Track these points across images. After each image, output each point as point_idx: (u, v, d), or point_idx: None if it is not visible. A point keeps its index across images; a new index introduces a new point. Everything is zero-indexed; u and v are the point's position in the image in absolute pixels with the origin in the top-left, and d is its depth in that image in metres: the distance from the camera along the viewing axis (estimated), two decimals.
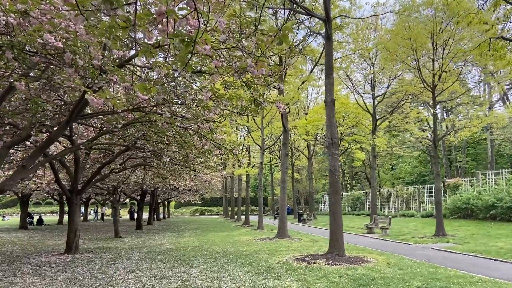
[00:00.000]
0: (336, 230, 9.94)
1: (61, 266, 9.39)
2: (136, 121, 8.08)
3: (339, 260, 9.32)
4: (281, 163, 17.83)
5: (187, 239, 16.65)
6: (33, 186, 17.97)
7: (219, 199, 65.55)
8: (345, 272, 8.05)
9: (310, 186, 34.87)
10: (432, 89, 17.66)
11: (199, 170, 13.49)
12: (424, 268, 8.59)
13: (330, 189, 10.26)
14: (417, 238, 16.13)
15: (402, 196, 31.02)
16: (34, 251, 12.52)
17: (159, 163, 13.34)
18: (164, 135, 8.31)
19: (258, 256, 10.72)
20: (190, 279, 7.59)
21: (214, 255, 11.10)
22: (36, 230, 23.78)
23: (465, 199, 21.59)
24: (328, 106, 10.53)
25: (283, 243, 14.29)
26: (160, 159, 9.83)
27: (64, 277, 7.87)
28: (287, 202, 17.43)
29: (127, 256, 11.28)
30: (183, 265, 9.32)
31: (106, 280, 7.51)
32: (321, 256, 9.92)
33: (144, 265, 9.48)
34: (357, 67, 24.20)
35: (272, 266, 8.97)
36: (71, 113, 6.48)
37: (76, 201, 12.18)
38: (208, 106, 6.13)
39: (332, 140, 10.30)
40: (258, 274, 8.02)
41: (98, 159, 13.97)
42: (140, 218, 24.15)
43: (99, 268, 9.00)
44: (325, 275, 7.76)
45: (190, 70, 5.33)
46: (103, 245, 14.53)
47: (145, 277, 7.87)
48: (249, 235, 18.36)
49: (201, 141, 9.18)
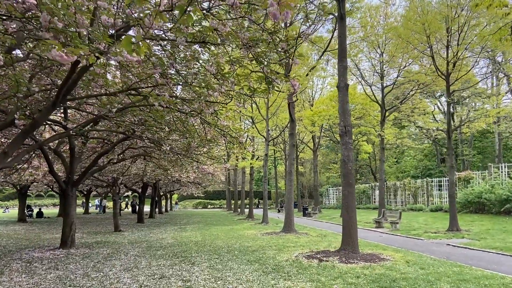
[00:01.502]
0: (349, 225, 9.21)
1: (53, 262, 8.73)
2: (133, 105, 7.34)
3: (353, 258, 8.60)
4: (288, 154, 17.08)
5: (189, 233, 16.00)
6: (29, 177, 17.33)
7: (222, 192, 65.08)
8: (361, 272, 7.34)
9: (315, 179, 34.14)
10: (446, 78, 16.81)
11: (202, 161, 12.76)
12: (448, 267, 7.86)
13: (343, 181, 9.51)
14: (430, 233, 15.40)
15: (409, 189, 30.23)
16: (28, 246, 11.89)
17: (160, 154, 12.63)
18: (163, 121, 7.57)
19: (265, 253, 10.02)
20: (192, 278, 6.90)
21: (217, 251, 10.42)
22: (35, 223, 23.20)
23: (478, 193, 20.78)
24: (341, 91, 9.74)
25: (290, 238, 13.60)
26: (160, 148, 9.09)
27: (54, 276, 7.20)
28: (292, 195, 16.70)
29: (126, 251, 10.62)
30: (184, 262, 8.63)
31: (99, 280, 6.82)
32: (333, 253, 9.20)
33: (143, 261, 8.80)
34: (366, 56, 23.29)
35: (281, 264, 8.26)
36: (58, 93, 5.74)
37: (72, 193, 11.50)
38: (212, 85, 5.38)
39: (345, 128, 9.53)
40: (266, 273, 7.31)
41: (96, 149, 13.26)
42: (142, 211, 23.52)
43: (93, 265, 8.33)
44: (340, 275, 7.05)
45: (190, 37, 4.57)
46: (102, 239, 13.89)
47: (142, 276, 7.18)
48: (254, 229, 17.69)
49: (204, 128, 8.44)
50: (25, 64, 8.60)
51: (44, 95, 7.87)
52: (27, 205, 29.31)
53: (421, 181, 29.70)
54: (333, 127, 32.04)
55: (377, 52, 22.57)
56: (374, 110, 26.77)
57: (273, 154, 46.07)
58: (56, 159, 12.70)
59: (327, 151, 65.89)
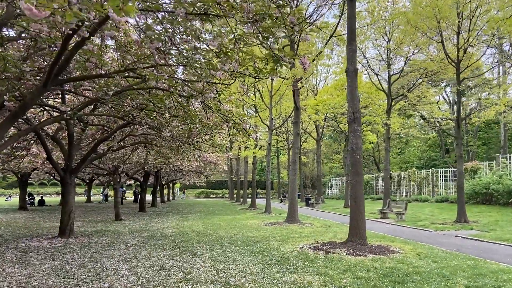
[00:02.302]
0: (357, 215, 8.84)
1: (50, 252, 8.42)
2: (131, 88, 6.92)
3: (361, 250, 8.25)
4: (292, 143, 16.66)
5: (191, 223, 15.71)
6: (28, 165, 17.01)
7: (224, 182, 64.95)
8: (371, 265, 6.98)
9: (319, 170, 33.74)
10: (457, 65, 16.26)
11: (203, 149, 12.37)
12: (461, 261, 7.49)
13: (350, 170, 9.10)
14: (437, 224, 15.05)
15: (414, 180, 29.84)
16: (26, 234, 11.61)
17: (161, 141, 12.24)
18: (163, 104, 7.15)
19: (269, 243, 9.69)
20: (192, 270, 6.56)
21: (220, 241, 10.10)
22: (36, 211, 23.00)
23: (485, 184, 20.36)
24: (349, 76, 9.28)
25: (294, 229, 13.27)
26: (160, 134, 8.70)
27: (49, 266, 6.88)
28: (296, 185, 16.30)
29: (125, 241, 10.32)
30: (185, 253, 8.31)
31: (96, 271, 6.49)
32: (340, 245, 8.85)
33: (142, 252, 8.49)
34: (372, 43, 22.66)
35: (286, 256, 7.92)
36: (49, 72, 5.33)
37: (71, 180, 11.16)
38: (214, 64, 4.95)
39: (354, 115, 9.09)
40: (270, 266, 6.97)
41: (96, 136, 12.90)
42: (143, 200, 23.26)
43: (91, 256, 8.01)
44: (349, 268, 6.69)
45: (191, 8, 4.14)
46: (102, 228, 13.61)
47: (141, 267, 6.85)
48: (257, 219, 17.39)
49: (206, 114, 8.02)
50: (20, 46, 8.20)
51: (36, 77, 7.47)
52: (29, 193, 29.13)
53: (426, 172, 29.29)
54: (338, 117, 31.54)
55: (384, 40, 21.94)
56: (380, 99, 26.22)
57: (275, 144, 45.69)
58: (54, 146, 12.34)
59: (329, 141, 65.46)
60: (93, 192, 59.27)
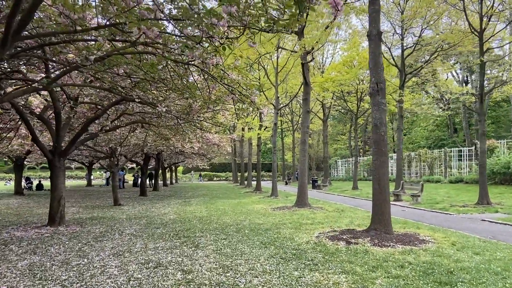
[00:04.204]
0: (381, 200, 7.76)
1: (33, 244, 7.44)
2: (117, 52, 5.75)
3: (387, 240, 7.21)
4: (302, 121, 15.50)
5: (193, 208, 14.75)
6: (18, 148, 15.97)
7: (228, 165, 64.16)
8: (404, 259, 5.93)
9: (325, 151, 32.62)
10: (480, 34, 14.88)
11: (205, 127, 11.24)
12: (506, 252, 6.43)
13: (373, 148, 7.98)
14: (457, 207, 14.01)
15: (425, 160, 28.71)
16: (14, 222, 10.66)
17: (158, 120, 11.11)
18: (156, 73, 5.99)
19: (280, 232, 8.67)
20: (194, 268, 5.54)
21: (225, 230, 9.09)
22: (33, 196, 22.13)
23: (505, 163, 19.24)
24: (372, 40, 8.04)
25: (305, 214, 12.26)
26: (154, 108, 7.56)
27: (27, 263, 5.89)
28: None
29: (121, 229, 9.34)
30: (186, 245, 7.30)
31: (80, 270, 5.48)
32: (361, 233, 7.81)
33: (138, 243, 7.49)
34: (385, 13, 21.11)
35: (302, 247, 6.89)
36: (7, 27, 4.18)
37: (59, 164, 10.11)
38: (215, 10, 3.78)
39: (377, 85, 7.90)
40: (286, 261, 5.94)
41: (87, 114, 11.78)
42: (144, 184, 22.32)
43: (79, 249, 7.02)
44: (379, 264, 5.64)
45: None
46: (98, 214, 12.67)
47: (134, 263, 5.84)
48: (263, 203, 16.41)
49: (208, 85, 6.86)
50: None
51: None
52: (26, 177, 28.36)
53: (438, 152, 28.13)
54: (346, 96, 30.23)
55: (398, 10, 20.41)
56: (392, 75, 24.85)
57: (280, 126, 44.48)
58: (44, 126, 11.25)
59: (334, 122, 64.17)
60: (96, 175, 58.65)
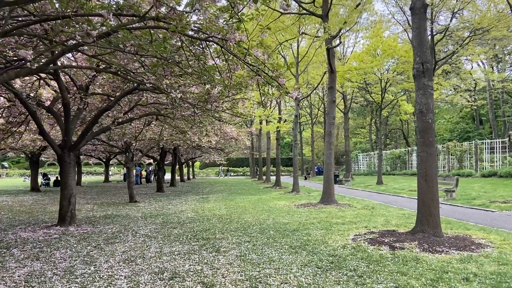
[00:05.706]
0: (428, 198, 6.73)
1: (38, 247, 6.73)
2: (124, 27, 4.91)
3: (438, 244, 6.18)
4: (327, 112, 14.48)
5: (212, 205, 13.96)
6: (30, 143, 15.49)
7: (245, 159, 63.52)
8: (465, 268, 4.93)
9: (347, 144, 31.40)
10: None
11: (224, 118, 10.36)
12: None
13: (419, 138, 6.93)
14: (498, 203, 12.79)
15: (454, 153, 27.18)
16: (24, 221, 10.06)
17: (173, 111, 10.30)
18: (168, 50, 5.13)
19: (310, 233, 7.74)
20: (216, 281, 4.67)
21: (247, 230, 8.22)
22: (49, 192, 21.82)
23: None
24: (417, 14, 6.96)
25: (333, 212, 11.29)
26: (167, 95, 6.71)
27: (25, 272, 5.15)
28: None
29: (135, 229, 8.59)
30: (206, 248, 6.46)
31: (83, 282, 4.69)
32: (405, 236, 6.81)
33: (153, 246, 6.70)
34: None
35: (339, 253, 5.95)
36: None
37: (69, 159, 9.43)
38: None
39: (423, 66, 6.84)
40: (323, 271, 5.01)
41: (99, 106, 11.09)
42: (161, 179, 21.72)
43: (87, 253, 6.27)
44: (439, 277, 4.65)
45: None
46: (113, 212, 12.01)
47: (146, 273, 5.03)
48: (285, 200, 15.48)
49: (229, 66, 5.96)
50: None
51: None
52: (43, 174, 28.21)
53: (469, 144, 26.57)
54: (368, 87, 28.90)
55: None
56: None
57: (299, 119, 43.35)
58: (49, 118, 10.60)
59: (354, 115, 62.54)
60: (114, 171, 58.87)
